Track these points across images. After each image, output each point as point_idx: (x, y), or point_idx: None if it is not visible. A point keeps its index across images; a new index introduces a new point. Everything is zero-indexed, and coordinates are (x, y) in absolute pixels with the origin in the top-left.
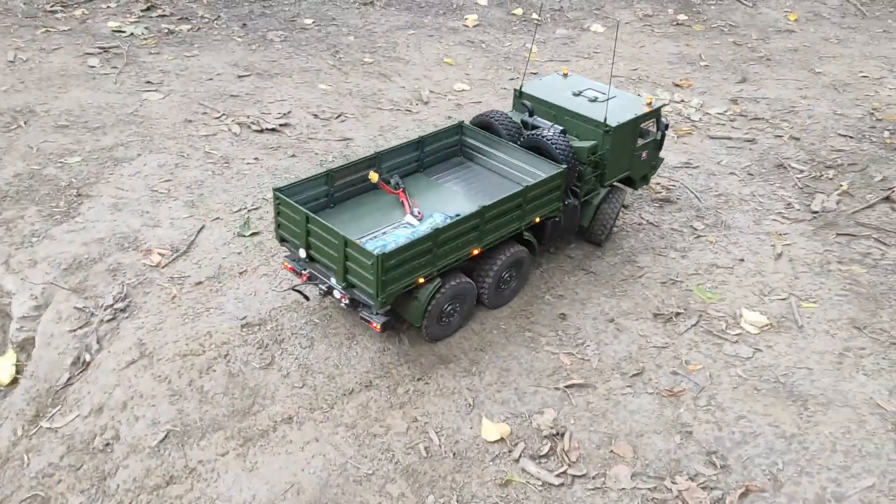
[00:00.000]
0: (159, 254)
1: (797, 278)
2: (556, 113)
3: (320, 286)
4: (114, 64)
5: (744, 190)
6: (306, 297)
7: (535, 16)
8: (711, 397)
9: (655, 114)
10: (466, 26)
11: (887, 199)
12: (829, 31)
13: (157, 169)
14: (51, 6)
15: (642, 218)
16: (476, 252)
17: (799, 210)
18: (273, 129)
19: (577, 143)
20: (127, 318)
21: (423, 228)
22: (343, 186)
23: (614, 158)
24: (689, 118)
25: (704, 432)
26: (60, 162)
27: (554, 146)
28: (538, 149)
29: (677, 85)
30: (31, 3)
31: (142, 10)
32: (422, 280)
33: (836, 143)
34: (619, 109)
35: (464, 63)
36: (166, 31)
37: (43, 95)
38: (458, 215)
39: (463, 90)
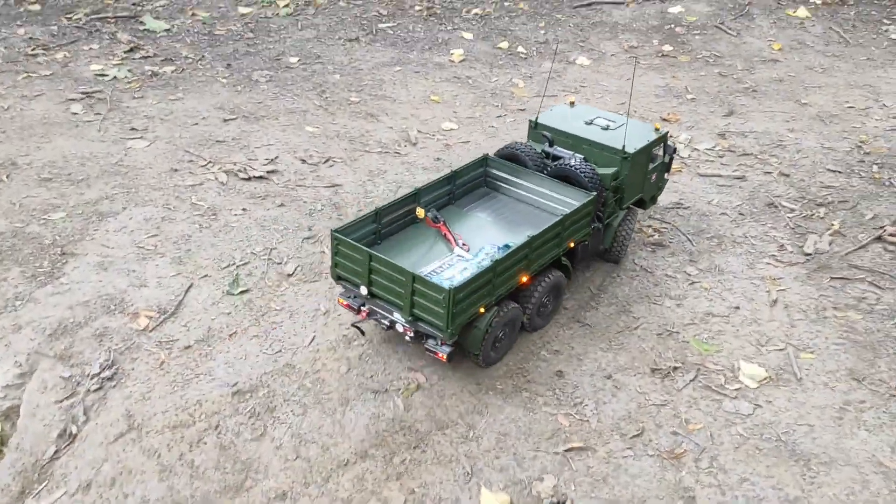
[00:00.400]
0: (147, 316)
1: (793, 326)
2: (572, 142)
3: (382, 321)
4: (97, 110)
5: (736, 231)
6: (362, 332)
7: (520, 49)
8: (713, 458)
9: (664, 139)
10: (452, 61)
11: (879, 238)
12: (813, 60)
13: (143, 223)
14: (32, 50)
15: (636, 264)
16: (525, 279)
17: (792, 252)
18: (260, 177)
19: (600, 170)
20: (114, 386)
21: (479, 260)
22: (388, 223)
23: (631, 182)
24: (678, 155)
25: (707, 497)
26: (44, 218)
27: (582, 174)
28: (565, 177)
29: (665, 119)
30: (12, 48)
31: (125, 52)
32: (482, 310)
33: (826, 178)
34: (632, 136)
35: (451, 100)
36: (150, 73)
37: (25, 146)
38: (507, 246)
39: (451, 129)
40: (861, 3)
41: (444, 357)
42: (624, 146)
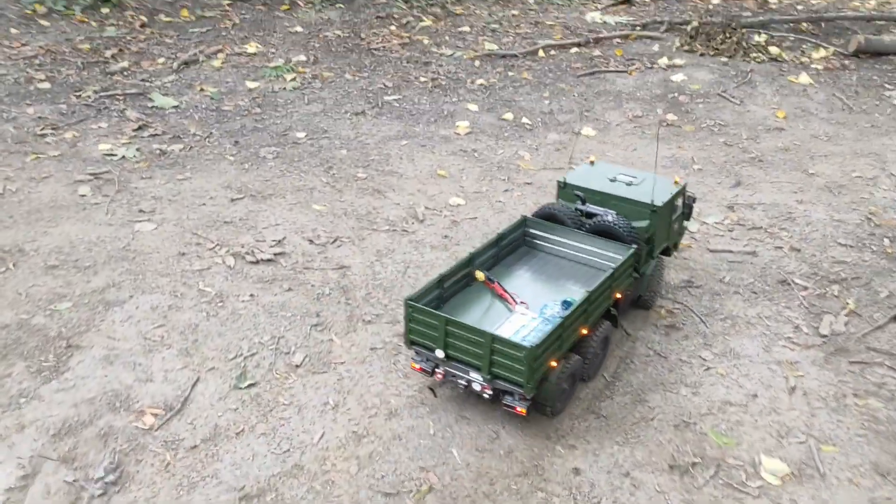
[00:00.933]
0: (152, 414)
1: (814, 416)
2: (601, 199)
3: (459, 382)
4: (105, 191)
5: (749, 311)
6: (435, 395)
7: (525, 120)
8: None
9: (683, 190)
10: (458, 134)
11: (895, 318)
12: (818, 128)
13: (149, 312)
14: (41, 129)
15: (650, 349)
16: (584, 332)
17: (808, 334)
18: (268, 260)
19: (635, 224)
20: (118, 491)
21: (545, 317)
22: (448, 287)
23: (660, 233)
24: (687, 230)
25: None
26: (50, 309)
27: (621, 229)
28: (604, 232)
29: None
30: (21, 127)
31: (133, 130)
32: (554, 363)
33: (837, 253)
34: (657, 190)
35: (457, 174)
36: (158, 151)
37: (32, 231)
38: (566, 301)
39: (458, 204)
40: (862, 69)
41: (524, 411)
42: (653, 200)
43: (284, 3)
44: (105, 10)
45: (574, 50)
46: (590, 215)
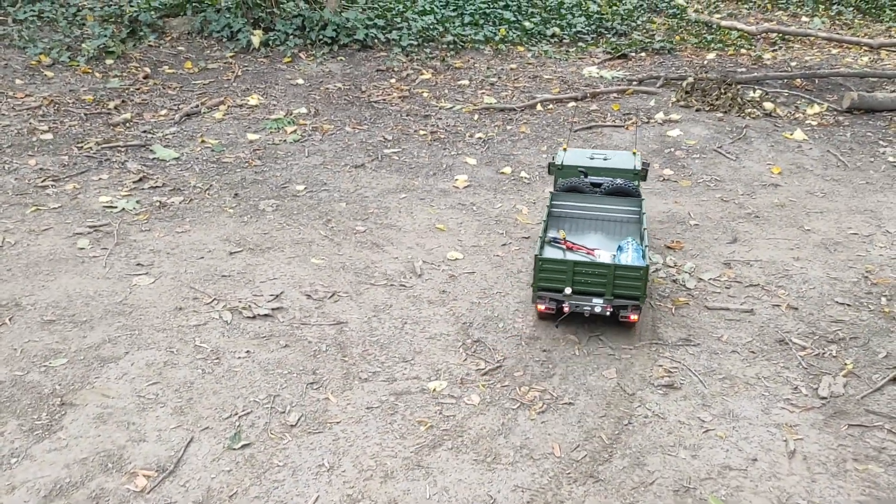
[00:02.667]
0: (145, 476)
1: (814, 481)
2: (594, 172)
3: (584, 309)
4: (104, 244)
5: (748, 371)
6: (557, 326)
7: (523, 174)
8: None
9: (641, 158)
10: (456, 187)
11: (894, 380)
12: (813, 184)
13: (144, 369)
14: (42, 181)
15: (648, 409)
16: None
17: (807, 395)
18: (265, 315)
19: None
20: None
21: (633, 250)
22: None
23: None
24: (684, 285)
25: None
26: (45, 365)
27: (631, 187)
28: (615, 193)
29: (669, 247)
30: (22, 179)
31: (134, 182)
32: None
33: (835, 311)
34: (629, 160)
35: (456, 228)
36: (158, 203)
37: (30, 285)
38: (624, 242)
39: (456, 259)
40: (856, 125)
41: (637, 318)
42: (634, 166)
43: (286, 56)
44: (109, 62)
45: (571, 104)
46: (596, 185)
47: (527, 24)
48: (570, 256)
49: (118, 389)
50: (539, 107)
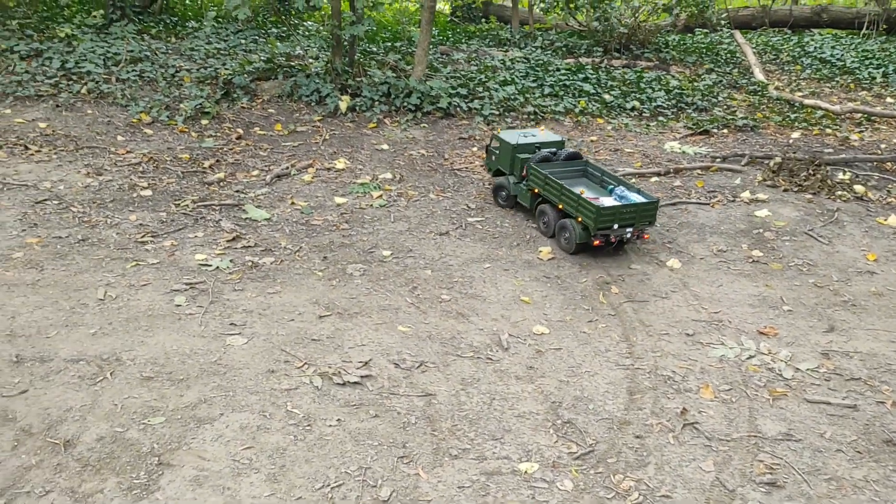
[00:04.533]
0: None
1: None
2: (539, 146)
3: (625, 236)
4: (199, 302)
5: (855, 473)
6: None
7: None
8: None
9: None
10: (541, 259)
11: None
12: None
13: (238, 432)
14: (141, 237)
15: None
16: None
17: None
18: (355, 383)
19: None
20: None
21: (626, 193)
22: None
23: None
24: (780, 374)
25: None
26: (144, 423)
27: (577, 151)
28: (571, 157)
29: (762, 333)
30: (124, 234)
31: (227, 241)
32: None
33: None
34: (551, 135)
35: (541, 301)
36: (250, 263)
37: (129, 340)
38: (617, 186)
39: (542, 333)
40: None
41: (648, 235)
42: (561, 139)
43: (372, 122)
44: (205, 122)
45: (654, 179)
46: (545, 158)
47: (606, 96)
48: (606, 203)
49: (213, 452)
50: None
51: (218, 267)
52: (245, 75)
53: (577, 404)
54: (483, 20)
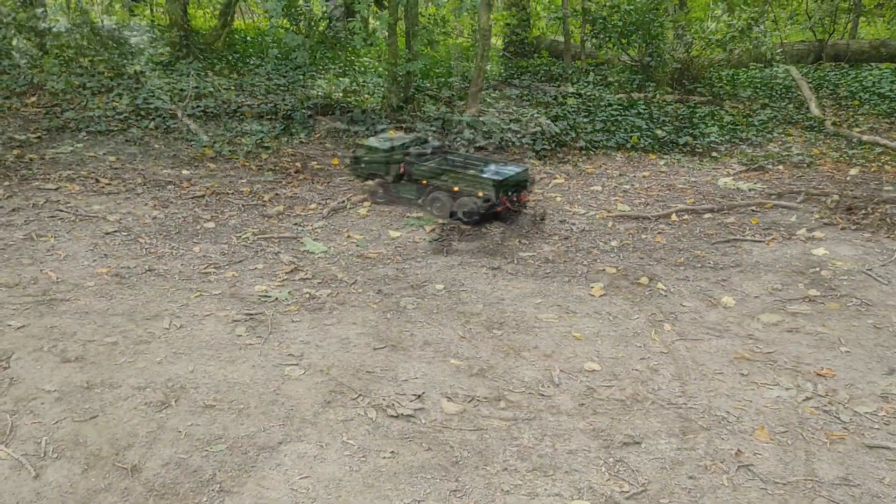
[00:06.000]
0: None
1: None
2: (408, 146)
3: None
4: (259, 333)
5: None
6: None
7: (660, 286)
8: None
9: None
10: (592, 295)
11: None
12: None
13: (297, 461)
14: (205, 268)
15: None
16: None
17: None
18: (408, 416)
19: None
20: None
21: (499, 170)
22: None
23: None
24: (837, 417)
25: None
26: (206, 450)
27: (445, 144)
28: (437, 150)
29: (819, 374)
30: (188, 265)
31: (286, 273)
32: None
33: None
34: (407, 136)
35: (592, 338)
36: (308, 295)
37: (193, 369)
38: (490, 165)
39: (594, 370)
40: None
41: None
42: (427, 138)
43: None
44: (264, 156)
45: (707, 215)
46: (421, 153)
47: (658, 132)
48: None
49: (272, 481)
50: (674, 216)
51: (277, 298)
52: (304, 110)
53: (629, 443)
54: (535, 55)
